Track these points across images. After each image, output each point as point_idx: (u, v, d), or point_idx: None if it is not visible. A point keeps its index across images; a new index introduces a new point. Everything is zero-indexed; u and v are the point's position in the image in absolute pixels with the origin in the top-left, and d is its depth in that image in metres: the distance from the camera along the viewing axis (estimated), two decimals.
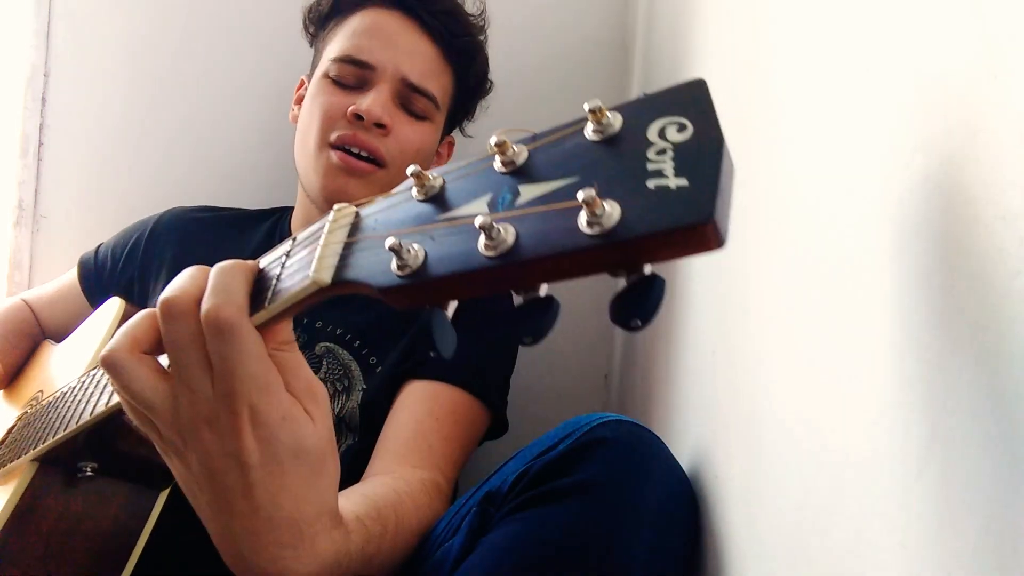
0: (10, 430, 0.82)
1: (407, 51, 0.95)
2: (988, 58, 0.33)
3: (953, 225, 0.34)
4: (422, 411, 0.88)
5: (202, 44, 1.27)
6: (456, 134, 1.14)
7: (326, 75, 0.97)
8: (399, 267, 0.38)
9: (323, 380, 0.94)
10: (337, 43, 0.98)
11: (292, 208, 1.08)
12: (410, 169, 0.41)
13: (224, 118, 1.27)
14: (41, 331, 1.10)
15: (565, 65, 1.28)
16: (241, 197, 1.17)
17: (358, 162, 0.93)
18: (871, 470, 0.40)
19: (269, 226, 1.08)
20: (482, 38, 1.05)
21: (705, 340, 0.72)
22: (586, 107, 0.36)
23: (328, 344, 0.96)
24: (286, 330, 0.47)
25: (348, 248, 0.42)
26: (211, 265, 0.46)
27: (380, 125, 0.92)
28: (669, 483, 0.64)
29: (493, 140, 0.38)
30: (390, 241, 0.38)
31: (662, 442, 0.65)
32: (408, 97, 0.96)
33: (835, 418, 0.44)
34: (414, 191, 0.41)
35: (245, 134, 1.27)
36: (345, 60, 0.95)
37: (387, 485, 0.73)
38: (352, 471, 0.89)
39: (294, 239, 0.48)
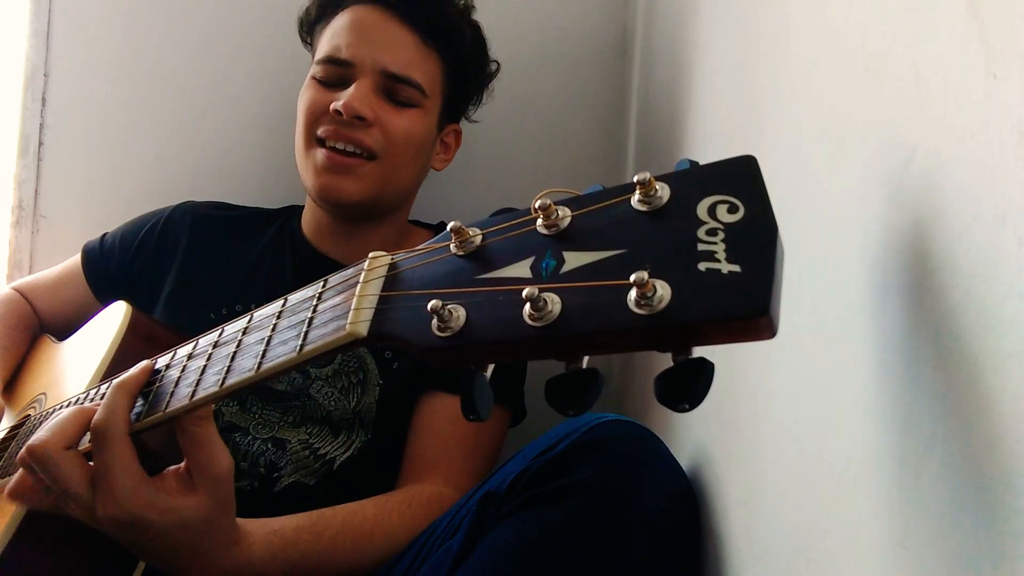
0: (11, 437, 0.81)
1: (385, 43, 0.96)
2: (988, 58, 0.33)
3: (952, 224, 0.34)
4: (445, 430, 0.90)
5: (202, 44, 1.27)
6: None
7: (312, 77, 0.99)
8: (440, 328, 0.38)
9: (338, 371, 0.93)
10: (321, 46, 0.99)
11: (301, 208, 1.08)
12: (451, 225, 0.41)
13: (225, 118, 1.27)
14: (40, 323, 1.07)
15: (564, 66, 1.27)
16: (242, 197, 1.16)
17: (343, 157, 0.93)
18: (871, 470, 0.40)
19: (277, 226, 1.08)
20: (466, 20, 1.03)
21: None
22: (635, 179, 0.36)
23: None
24: (205, 409, 0.55)
25: (385, 301, 0.42)
26: (218, 263, 0.47)
27: (360, 118, 0.93)
28: (669, 483, 0.64)
29: (537, 203, 0.38)
30: (432, 303, 0.38)
31: (662, 442, 0.65)
32: (392, 88, 0.96)
33: (835, 418, 0.44)
34: (452, 245, 0.41)
35: (247, 134, 1.27)
36: (326, 61, 0.97)
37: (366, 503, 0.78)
38: (365, 468, 0.90)
39: (325, 281, 0.47)
